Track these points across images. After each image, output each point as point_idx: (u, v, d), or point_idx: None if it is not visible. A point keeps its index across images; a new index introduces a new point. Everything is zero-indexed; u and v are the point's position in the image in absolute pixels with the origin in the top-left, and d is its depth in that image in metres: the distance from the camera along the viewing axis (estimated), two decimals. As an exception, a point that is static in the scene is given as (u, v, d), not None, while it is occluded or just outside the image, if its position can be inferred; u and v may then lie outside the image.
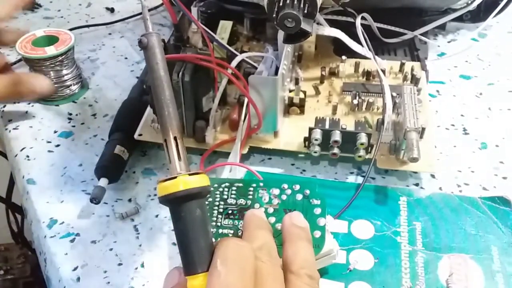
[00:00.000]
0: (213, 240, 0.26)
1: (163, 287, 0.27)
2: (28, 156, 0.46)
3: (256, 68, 0.45)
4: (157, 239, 0.38)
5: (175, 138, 0.27)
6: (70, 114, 0.51)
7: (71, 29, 0.63)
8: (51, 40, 0.52)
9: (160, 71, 0.27)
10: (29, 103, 0.52)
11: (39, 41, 0.52)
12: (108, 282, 0.36)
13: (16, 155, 0.47)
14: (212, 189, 0.36)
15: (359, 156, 0.41)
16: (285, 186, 0.35)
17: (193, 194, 0.26)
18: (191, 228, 0.26)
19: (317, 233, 0.32)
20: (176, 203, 0.26)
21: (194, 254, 0.25)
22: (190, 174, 0.26)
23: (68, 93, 0.52)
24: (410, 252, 0.36)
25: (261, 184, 0.36)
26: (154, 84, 0.27)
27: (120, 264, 0.37)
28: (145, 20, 0.28)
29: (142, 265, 0.37)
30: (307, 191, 0.34)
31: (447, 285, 0.34)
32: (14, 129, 0.50)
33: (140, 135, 0.44)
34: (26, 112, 0.52)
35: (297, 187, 0.35)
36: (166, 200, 0.26)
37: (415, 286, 0.34)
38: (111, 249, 0.38)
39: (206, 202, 0.35)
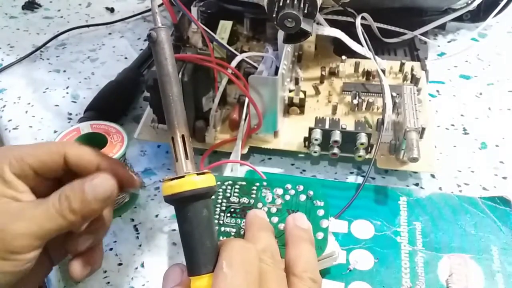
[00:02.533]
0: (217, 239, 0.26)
1: (163, 285, 0.27)
2: (28, 156, 0.46)
3: (256, 68, 0.45)
4: (157, 239, 0.38)
5: (182, 137, 0.26)
6: (70, 114, 0.51)
7: (71, 29, 0.63)
8: (98, 140, 0.41)
9: (169, 67, 0.26)
10: (29, 103, 0.52)
11: (82, 141, 0.40)
12: (108, 282, 0.36)
13: (16, 155, 0.47)
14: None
15: (359, 156, 0.41)
16: (289, 186, 0.35)
17: (200, 194, 0.25)
18: (197, 228, 0.25)
19: (320, 235, 0.32)
20: (183, 203, 0.25)
21: (200, 255, 0.25)
22: (197, 174, 0.25)
23: (119, 203, 0.40)
24: (410, 252, 0.36)
25: (265, 183, 0.36)
26: (162, 81, 0.26)
27: (120, 264, 0.37)
28: (154, 14, 0.28)
29: (142, 265, 0.37)
30: (311, 192, 0.34)
31: (447, 285, 0.34)
32: (14, 129, 0.50)
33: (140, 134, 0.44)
34: (26, 112, 0.52)
35: (301, 187, 0.35)
36: (172, 199, 0.25)
37: (415, 286, 0.34)
38: (111, 249, 0.38)
39: None
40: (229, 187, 0.36)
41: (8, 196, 0.29)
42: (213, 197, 0.35)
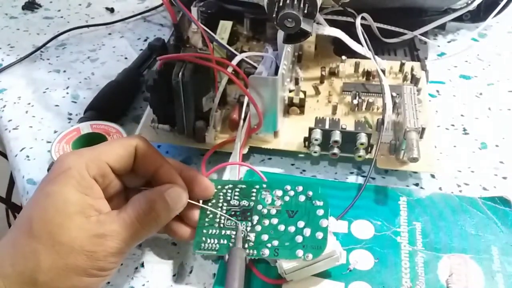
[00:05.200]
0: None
1: None
2: (28, 156, 0.46)
3: (256, 68, 0.45)
4: (157, 239, 0.38)
5: None
6: (70, 114, 0.51)
7: (71, 29, 0.63)
8: (98, 140, 0.41)
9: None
10: (29, 103, 0.52)
11: (82, 142, 0.41)
12: (108, 282, 0.36)
13: (16, 155, 0.47)
14: (215, 190, 0.36)
15: (359, 156, 0.41)
16: (288, 187, 0.35)
17: None
18: None
19: (319, 235, 0.32)
20: None
21: None
22: None
23: None
24: (410, 252, 0.36)
25: (264, 185, 0.36)
26: None
27: (120, 264, 0.37)
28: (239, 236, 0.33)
29: (142, 265, 0.37)
30: (310, 193, 0.34)
31: (447, 285, 0.34)
32: (14, 129, 0.50)
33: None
34: (26, 112, 0.52)
35: (300, 188, 0.35)
36: None
37: (415, 286, 0.34)
38: (111, 249, 0.38)
39: (209, 204, 0.36)
40: (229, 191, 0.36)
41: (88, 207, 0.30)
42: (213, 200, 0.36)
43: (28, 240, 0.28)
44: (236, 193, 0.36)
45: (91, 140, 0.42)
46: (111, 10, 0.68)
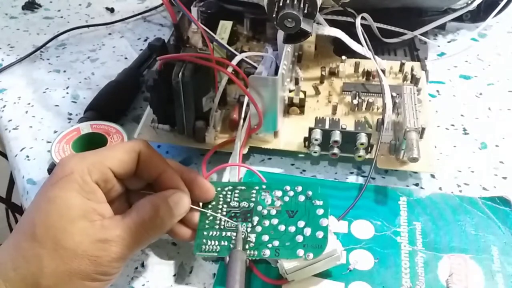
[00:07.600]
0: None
1: None
2: (28, 156, 0.46)
3: (256, 68, 0.45)
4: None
5: None
6: (70, 114, 0.51)
7: (71, 29, 0.63)
8: (98, 140, 0.41)
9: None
10: (29, 103, 0.53)
11: (82, 142, 0.42)
12: (108, 282, 0.36)
13: (16, 155, 0.47)
14: (215, 192, 0.36)
15: (359, 156, 0.41)
16: (288, 188, 0.35)
17: None
18: None
19: (320, 234, 0.32)
20: None
21: None
22: None
23: None
24: (410, 252, 0.36)
25: (264, 186, 0.36)
26: None
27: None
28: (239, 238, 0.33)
29: (142, 265, 0.37)
30: (310, 192, 0.34)
31: (447, 285, 0.34)
32: (14, 129, 0.50)
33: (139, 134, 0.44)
34: (26, 112, 0.52)
35: (300, 188, 0.35)
36: None
37: (415, 286, 0.34)
38: (111, 249, 0.38)
39: (209, 206, 0.36)
40: (229, 192, 0.36)
41: (91, 211, 0.30)
42: (213, 202, 0.36)
43: (31, 244, 0.28)
44: (236, 195, 0.36)
45: (91, 140, 0.42)
46: (111, 10, 0.68)
